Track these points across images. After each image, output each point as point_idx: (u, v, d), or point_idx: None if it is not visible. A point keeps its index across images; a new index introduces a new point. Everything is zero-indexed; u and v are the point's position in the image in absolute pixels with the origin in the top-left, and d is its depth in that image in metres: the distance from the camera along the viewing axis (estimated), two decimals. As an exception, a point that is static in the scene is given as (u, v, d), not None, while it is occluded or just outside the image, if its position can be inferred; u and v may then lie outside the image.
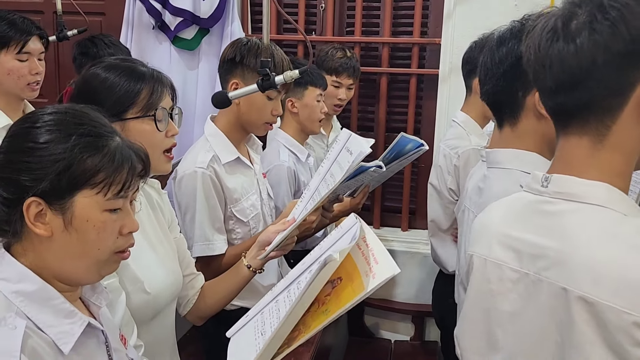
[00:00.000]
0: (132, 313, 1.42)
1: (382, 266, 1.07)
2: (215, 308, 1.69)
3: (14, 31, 2.22)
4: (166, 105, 1.50)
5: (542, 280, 1.00)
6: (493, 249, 1.11)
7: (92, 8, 3.31)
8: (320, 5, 3.24)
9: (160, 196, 1.68)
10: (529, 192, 1.09)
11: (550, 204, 1.02)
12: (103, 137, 1.07)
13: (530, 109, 1.41)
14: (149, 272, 1.48)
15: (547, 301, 0.99)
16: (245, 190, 2.07)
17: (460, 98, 2.77)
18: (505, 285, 1.07)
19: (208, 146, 2.01)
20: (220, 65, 2.06)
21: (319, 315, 1.13)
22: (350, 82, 2.87)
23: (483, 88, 1.52)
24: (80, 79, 1.50)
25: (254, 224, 2.10)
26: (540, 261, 1.01)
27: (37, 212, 1.02)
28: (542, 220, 1.03)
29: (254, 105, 2.00)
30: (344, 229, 1.27)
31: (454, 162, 2.36)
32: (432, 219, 2.52)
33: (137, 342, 1.41)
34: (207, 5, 3.03)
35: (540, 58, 1.01)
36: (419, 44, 3.14)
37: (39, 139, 1.03)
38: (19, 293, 1.02)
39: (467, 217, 1.57)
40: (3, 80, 2.24)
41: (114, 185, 1.06)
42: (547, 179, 1.04)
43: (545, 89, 1.03)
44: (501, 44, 1.43)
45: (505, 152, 1.47)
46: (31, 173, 1.01)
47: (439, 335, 2.97)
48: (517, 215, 1.09)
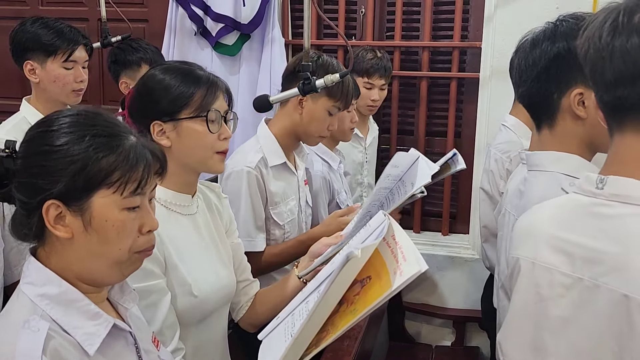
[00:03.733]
0: (178, 315, 1.44)
1: (410, 263, 1.05)
2: (267, 316, 1.66)
3: (62, 40, 2.27)
4: (220, 109, 1.52)
5: (599, 286, 0.96)
6: (542, 252, 1.07)
7: (136, 15, 3.37)
8: (360, 9, 3.24)
9: (220, 200, 1.70)
10: (581, 194, 1.05)
11: (607, 206, 0.99)
12: (117, 137, 1.08)
13: (566, 110, 1.40)
14: (198, 275, 1.50)
15: (605, 308, 0.95)
16: (286, 195, 2.11)
17: (501, 102, 2.74)
18: (555, 290, 1.04)
19: (258, 147, 2.06)
20: (286, 75, 2.12)
21: (347, 315, 1.12)
22: (382, 82, 2.86)
23: (518, 91, 1.52)
24: (139, 81, 1.55)
25: (289, 229, 2.14)
26: (597, 266, 0.97)
27: (57, 215, 1.04)
28: (598, 224, 0.99)
29: (314, 117, 2.08)
30: (372, 226, 1.25)
31: (506, 167, 2.33)
32: (484, 224, 2.48)
33: (179, 345, 1.42)
34: (248, 10, 3.07)
35: (600, 50, 0.98)
36: (460, 48, 3.11)
37: (55, 142, 1.04)
38: (44, 296, 1.04)
39: (507, 220, 1.56)
40: (49, 87, 2.29)
41: (130, 183, 1.06)
42: (603, 180, 1.01)
43: (604, 83, 1.00)
44: (534, 46, 1.42)
45: (546, 154, 1.45)
46: (48, 176, 1.03)
47: (482, 341, 2.93)
48: (568, 218, 1.06)
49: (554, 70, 1.39)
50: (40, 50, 2.26)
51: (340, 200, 2.54)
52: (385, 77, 2.87)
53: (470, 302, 2.85)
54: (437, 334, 3.31)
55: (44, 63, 2.27)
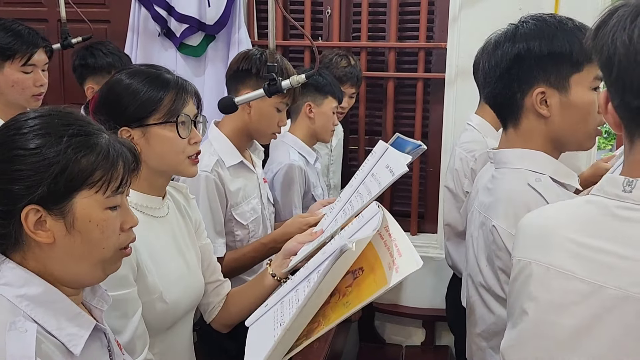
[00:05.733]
0: (149, 322, 1.41)
1: (406, 259, 1.05)
2: (240, 316, 1.66)
3: (20, 43, 2.20)
4: (190, 113, 1.50)
5: (628, 297, 0.89)
6: (558, 256, 0.99)
7: (97, 16, 3.30)
8: (326, 10, 3.23)
9: (188, 201, 1.68)
10: (603, 197, 0.98)
11: (635, 210, 0.92)
12: (93, 135, 1.06)
13: (529, 109, 1.42)
14: (169, 281, 1.47)
15: (632, 318, 0.89)
16: (247, 194, 2.09)
17: (466, 101, 2.76)
18: (569, 297, 0.96)
19: (212, 150, 2.03)
20: (231, 74, 2.09)
21: (339, 307, 1.11)
22: (353, 91, 2.90)
23: (483, 91, 1.54)
24: (104, 86, 1.51)
25: (253, 227, 2.12)
26: (625, 274, 0.91)
27: (37, 220, 1.01)
28: (626, 229, 0.93)
29: (263, 115, 2.05)
30: (365, 218, 1.25)
31: (470, 166, 2.35)
32: (447, 222, 2.50)
33: (148, 355, 1.40)
34: (213, 11, 3.03)
35: (632, 53, 0.90)
36: (425, 48, 3.13)
37: (28, 145, 1.01)
38: (24, 297, 1.01)
39: (475, 218, 1.57)
40: (7, 92, 2.22)
41: (112, 181, 1.05)
42: (631, 183, 0.94)
43: (634, 88, 0.92)
44: (496, 47, 1.44)
45: (512, 151, 1.47)
46: (25, 181, 0.99)
47: (450, 339, 2.95)
48: (589, 221, 0.98)
49: (515, 71, 1.40)
50: None
51: (317, 194, 2.55)
52: (356, 86, 2.91)
53: (439, 301, 2.86)
54: (407, 334, 3.33)
55: (2, 67, 2.20)
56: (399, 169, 1.50)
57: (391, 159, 1.56)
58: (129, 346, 1.31)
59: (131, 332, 1.34)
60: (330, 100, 2.56)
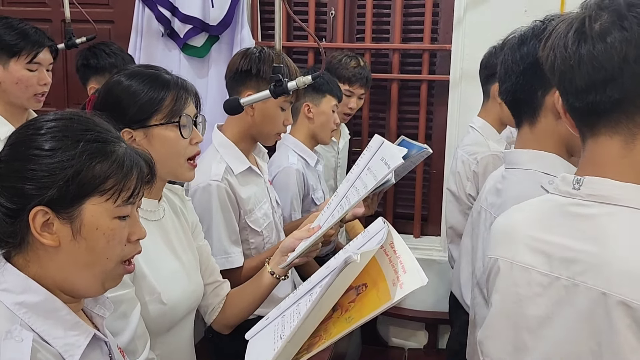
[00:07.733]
0: (148, 324, 1.41)
1: (411, 276, 1.05)
2: (241, 316, 1.67)
3: (26, 42, 2.21)
4: (190, 113, 1.49)
5: (577, 285, 0.98)
6: (519, 252, 1.09)
7: (101, 16, 3.29)
8: (330, 11, 3.22)
9: (184, 203, 1.66)
10: (557, 195, 1.07)
11: (584, 206, 1.01)
12: (110, 143, 1.05)
13: (549, 108, 1.41)
14: (167, 283, 1.46)
15: (583, 306, 0.97)
16: (258, 199, 2.05)
17: (470, 104, 2.75)
18: (533, 289, 1.05)
19: (219, 157, 1.97)
20: (231, 76, 2.03)
21: (342, 322, 1.11)
22: (362, 91, 2.88)
23: (502, 86, 1.52)
24: (103, 87, 1.50)
25: (267, 233, 2.07)
26: (574, 265, 0.99)
27: (44, 222, 1.00)
28: (575, 224, 1.01)
29: (267, 116, 1.99)
30: (370, 233, 1.24)
31: (472, 168, 2.34)
32: (450, 225, 2.49)
33: (150, 355, 1.39)
34: (217, 12, 3.02)
35: (567, 59, 1.00)
36: (430, 50, 3.12)
37: (45, 146, 1.01)
38: (23, 304, 0.99)
39: (483, 218, 1.56)
40: (11, 89, 2.23)
41: (124, 191, 1.04)
42: (579, 181, 1.02)
43: (574, 90, 1.01)
44: (522, 42, 1.44)
45: (525, 152, 1.46)
46: (37, 181, 0.99)
47: (454, 343, 2.94)
48: (545, 218, 1.07)
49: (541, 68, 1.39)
50: (3, 51, 2.19)
51: (317, 198, 2.53)
52: (365, 87, 2.89)
53: (442, 304, 2.84)
54: (410, 337, 3.32)
55: (7, 64, 2.21)
56: (394, 162, 1.48)
57: (386, 152, 1.54)
58: (130, 346, 1.31)
59: (131, 332, 1.34)
60: (328, 99, 2.54)
